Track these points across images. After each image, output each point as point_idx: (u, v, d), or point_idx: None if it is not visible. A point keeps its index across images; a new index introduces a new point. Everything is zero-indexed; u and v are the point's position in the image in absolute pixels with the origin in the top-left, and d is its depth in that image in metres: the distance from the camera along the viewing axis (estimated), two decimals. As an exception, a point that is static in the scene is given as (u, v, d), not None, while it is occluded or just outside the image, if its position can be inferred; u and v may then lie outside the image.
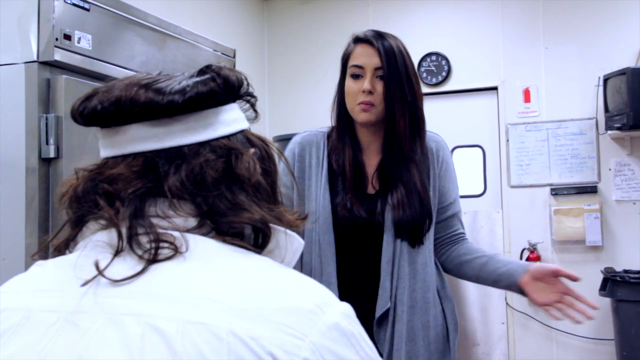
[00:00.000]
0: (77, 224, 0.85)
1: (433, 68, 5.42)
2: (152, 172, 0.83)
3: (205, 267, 0.78)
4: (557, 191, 5.00)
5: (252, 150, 0.91)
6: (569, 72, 5.07)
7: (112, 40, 2.48)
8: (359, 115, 1.96)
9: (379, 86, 1.95)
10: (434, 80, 5.40)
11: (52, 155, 2.15)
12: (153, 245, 0.78)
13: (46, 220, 2.14)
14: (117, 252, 0.79)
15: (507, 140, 5.17)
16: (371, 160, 2.04)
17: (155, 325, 0.71)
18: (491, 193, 5.28)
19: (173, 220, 0.81)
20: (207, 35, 3.13)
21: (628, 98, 4.47)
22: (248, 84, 0.93)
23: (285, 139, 3.39)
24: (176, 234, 0.80)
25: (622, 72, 4.58)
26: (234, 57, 3.32)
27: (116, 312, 0.73)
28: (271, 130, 5.55)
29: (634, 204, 4.85)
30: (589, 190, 4.93)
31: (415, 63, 5.45)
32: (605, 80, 4.77)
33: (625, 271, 4.56)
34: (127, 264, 0.78)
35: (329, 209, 1.94)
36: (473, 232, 5.26)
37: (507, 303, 5.12)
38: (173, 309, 0.72)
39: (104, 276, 0.77)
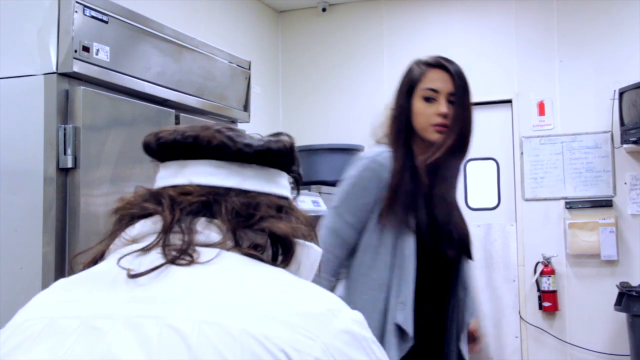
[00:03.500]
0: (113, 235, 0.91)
1: (447, 80, 5.42)
2: (214, 199, 0.88)
3: (222, 274, 0.80)
4: (571, 205, 4.98)
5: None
6: (584, 85, 5.06)
7: (129, 51, 2.50)
8: (433, 135, 2.08)
9: (451, 110, 2.09)
10: (448, 93, 5.40)
11: (69, 165, 2.17)
12: (183, 247, 0.82)
13: (63, 230, 2.16)
14: (146, 249, 0.83)
15: (522, 153, 5.16)
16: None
17: (172, 325, 0.73)
18: (505, 206, 5.26)
19: (209, 235, 0.86)
20: (223, 47, 3.16)
21: (644, 112, 4.46)
22: (299, 163, 1.00)
23: (299, 151, 3.39)
24: (203, 249, 0.84)
25: (637, 86, 4.56)
26: (249, 69, 3.34)
27: (135, 315, 0.76)
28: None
29: (650, 218, 4.83)
30: (604, 204, 4.91)
31: (430, 75, 5.46)
32: (621, 94, 4.75)
33: (641, 286, 4.52)
34: (147, 259, 0.82)
35: (413, 233, 2.03)
36: (487, 244, 5.25)
37: (520, 317, 5.09)
38: (189, 311, 0.75)
39: (124, 269, 0.81)
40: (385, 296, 2.01)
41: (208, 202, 0.87)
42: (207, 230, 0.86)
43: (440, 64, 2.13)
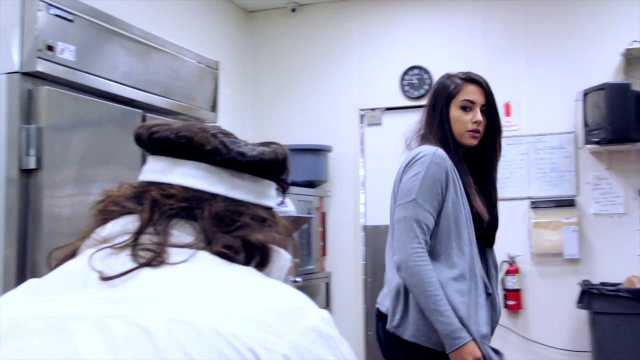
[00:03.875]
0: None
1: (415, 82, 5.47)
2: (196, 205, 0.88)
3: (192, 273, 0.81)
4: (536, 204, 5.05)
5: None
6: (549, 87, 5.13)
7: (95, 51, 2.48)
8: (469, 140, 2.43)
9: (483, 118, 2.45)
10: (416, 94, 5.45)
11: (32, 166, 2.15)
12: (153, 248, 0.82)
13: (25, 233, 2.13)
14: (117, 247, 0.83)
15: (488, 154, 5.22)
16: None
17: (140, 325, 0.73)
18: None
19: (181, 237, 0.86)
20: (191, 47, 3.15)
21: (606, 113, 4.54)
22: (289, 170, 1.00)
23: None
24: (174, 249, 0.84)
25: (601, 87, 4.65)
26: (217, 69, 3.33)
27: (103, 316, 0.76)
28: (254, 142, 5.56)
29: (611, 217, 4.91)
30: (568, 203, 4.99)
31: (397, 76, 5.50)
32: (585, 95, 4.84)
33: (602, 284, 4.61)
34: (118, 261, 0.81)
35: (470, 220, 2.38)
36: (453, 244, 5.30)
37: (486, 315, 5.15)
38: (158, 311, 0.75)
39: (96, 271, 0.80)
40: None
41: (190, 207, 0.87)
42: (181, 232, 0.86)
43: (476, 80, 2.57)
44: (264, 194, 0.94)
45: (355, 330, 5.42)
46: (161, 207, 0.86)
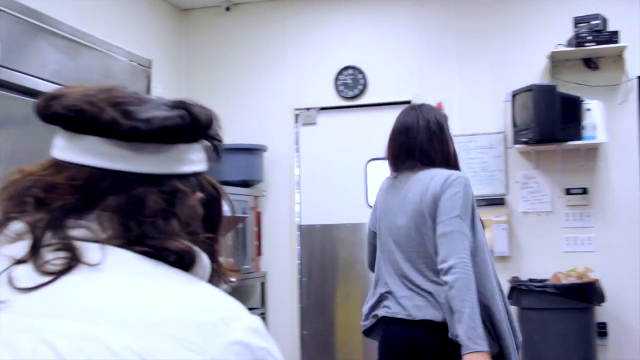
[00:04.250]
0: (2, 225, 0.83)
1: (350, 82, 5.51)
2: (92, 190, 0.81)
3: (107, 280, 0.75)
4: (468, 203, 5.16)
5: (200, 195, 0.88)
6: (480, 88, 5.25)
7: (22, 48, 2.42)
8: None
9: None
10: (351, 94, 5.49)
11: (-44, 166, 2.07)
12: (58, 255, 0.75)
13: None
14: (19, 262, 0.76)
15: (421, 154, 5.30)
16: None
17: (48, 341, 0.69)
18: (405, 205, 5.39)
19: (93, 230, 0.79)
20: (123, 45, 3.10)
21: (534, 114, 4.67)
22: (218, 125, 0.94)
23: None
24: (83, 244, 0.78)
25: (529, 89, 4.78)
26: (149, 67, 3.29)
27: (11, 329, 0.70)
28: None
29: (539, 215, 5.06)
30: (498, 202, 5.11)
31: (332, 77, 5.53)
32: (514, 96, 4.96)
33: (531, 280, 4.75)
34: (27, 275, 0.75)
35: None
36: (388, 243, 5.36)
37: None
38: (68, 325, 0.70)
39: (8, 279, 0.75)
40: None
41: (89, 196, 0.80)
42: (88, 225, 0.79)
43: None
44: (179, 160, 0.86)
45: (291, 329, 5.43)
46: (49, 205, 0.79)
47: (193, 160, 0.88)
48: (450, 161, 2.65)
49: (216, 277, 0.90)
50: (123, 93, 0.84)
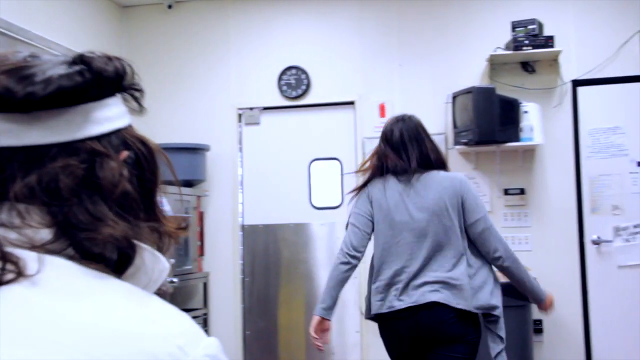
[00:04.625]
0: None
1: (293, 81, 5.51)
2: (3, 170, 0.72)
3: (55, 303, 0.66)
4: (409, 203, 5.22)
5: (126, 153, 0.80)
6: (421, 89, 5.32)
7: (-45, 43, 2.34)
8: None
9: None
10: (294, 94, 5.50)
11: None
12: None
13: None
14: None
15: (364, 154, 5.34)
16: None
17: None
18: (348, 205, 5.42)
19: (22, 231, 0.70)
20: (61, 42, 3.03)
21: (474, 115, 4.76)
22: (132, 74, 0.84)
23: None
24: (22, 253, 0.69)
25: (468, 91, 4.87)
26: (89, 64, 3.22)
27: None
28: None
29: (479, 215, 5.16)
30: (439, 202, 5.18)
31: (275, 76, 5.52)
32: (454, 98, 5.05)
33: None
34: None
35: None
36: (330, 242, 5.39)
37: (361, 312, 5.27)
38: (6, 350, 0.61)
39: None
40: None
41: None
42: (9, 221, 0.70)
43: None
44: (92, 121, 0.76)
45: (233, 329, 5.41)
46: None
47: (108, 117, 0.79)
48: (444, 163, 3.03)
49: (164, 240, 0.82)
50: (14, 58, 0.75)
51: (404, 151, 2.94)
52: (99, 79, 0.77)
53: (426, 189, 2.88)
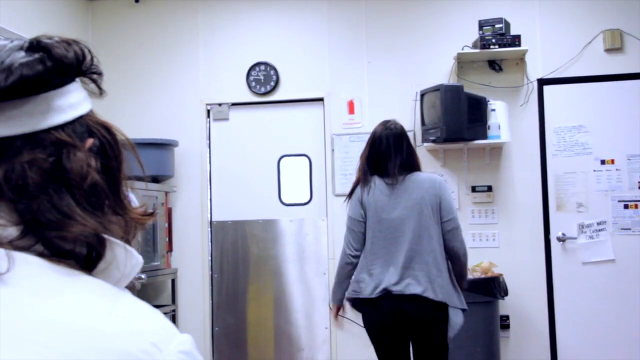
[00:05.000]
0: None
1: (261, 77, 5.50)
2: None
3: (27, 301, 0.65)
4: (378, 199, 5.25)
5: (91, 141, 0.77)
6: (389, 86, 5.34)
7: None
8: None
9: None
10: (262, 90, 5.48)
11: None
12: None
13: None
14: None
15: (333, 150, 5.35)
16: None
17: None
18: (317, 201, 5.44)
19: None
20: (24, 34, 2.98)
21: (442, 113, 4.80)
22: (91, 58, 0.81)
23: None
24: None
25: (436, 88, 4.90)
26: (55, 58, 3.17)
27: None
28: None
29: (446, 211, 5.20)
30: (407, 198, 5.21)
31: (244, 72, 5.50)
32: (422, 96, 5.08)
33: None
34: None
35: None
36: (299, 239, 5.39)
37: (330, 308, 5.28)
38: None
39: None
40: None
41: None
42: None
43: None
44: (56, 109, 0.74)
45: (202, 326, 5.39)
46: None
47: (72, 104, 0.76)
48: (419, 165, 3.43)
49: (130, 227, 0.79)
50: None
51: (389, 156, 3.33)
52: (60, 67, 0.74)
53: (409, 189, 3.30)
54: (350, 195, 3.51)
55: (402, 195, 3.30)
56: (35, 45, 0.74)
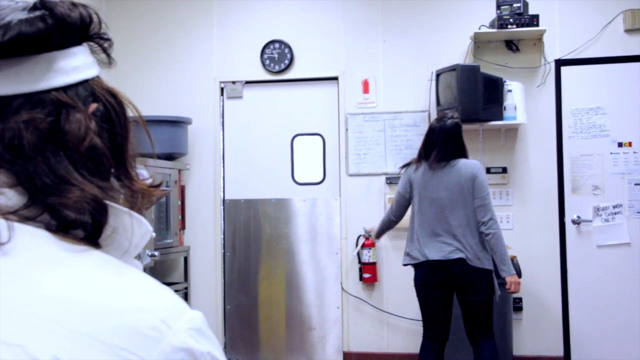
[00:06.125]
0: None
1: (276, 55, 5.46)
2: None
3: (30, 274, 0.63)
4: (391, 180, 5.22)
5: (94, 106, 0.75)
6: (405, 66, 5.30)
7: None
8: None
9: None
10: (277, 68, 5.45)
11: None
12: None
13: None
14: None
15: (347, 130, 5.33)
16: None
17: None
18: (330, 181, 5.42)
19: None
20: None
21: (457, 93, 4.75)
22: (99, 23, 0.78)
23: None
24: None
25: (452, 68, 4.85)
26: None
27: None
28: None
29: (460, 193, 5.17)
30: (421, 179, 5.18)
31: (258, 50, 5.47)
32: (438, 76, 5.03)
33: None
34: None
35: None
36: (312, 218, 5.38)
37: (342, 288, 5.29)
38: None
39: None
40: None
41: None
42: None
43: None
44: (58, 71, 0.72)
45: (214, 304, 5.41)
46: None
47: (75, 66, 0.74)
48: (466, 153, 3.93)
49: (136, 198, 0.77)
50: None
51: (436, 146, 3.85)
52: (62, 25, 0.72)
53: (451, 172, 3.84)
54: (404, 166, 4.11)
55: (444, 177, 3.86)
56: (37, 4, 0.72)
